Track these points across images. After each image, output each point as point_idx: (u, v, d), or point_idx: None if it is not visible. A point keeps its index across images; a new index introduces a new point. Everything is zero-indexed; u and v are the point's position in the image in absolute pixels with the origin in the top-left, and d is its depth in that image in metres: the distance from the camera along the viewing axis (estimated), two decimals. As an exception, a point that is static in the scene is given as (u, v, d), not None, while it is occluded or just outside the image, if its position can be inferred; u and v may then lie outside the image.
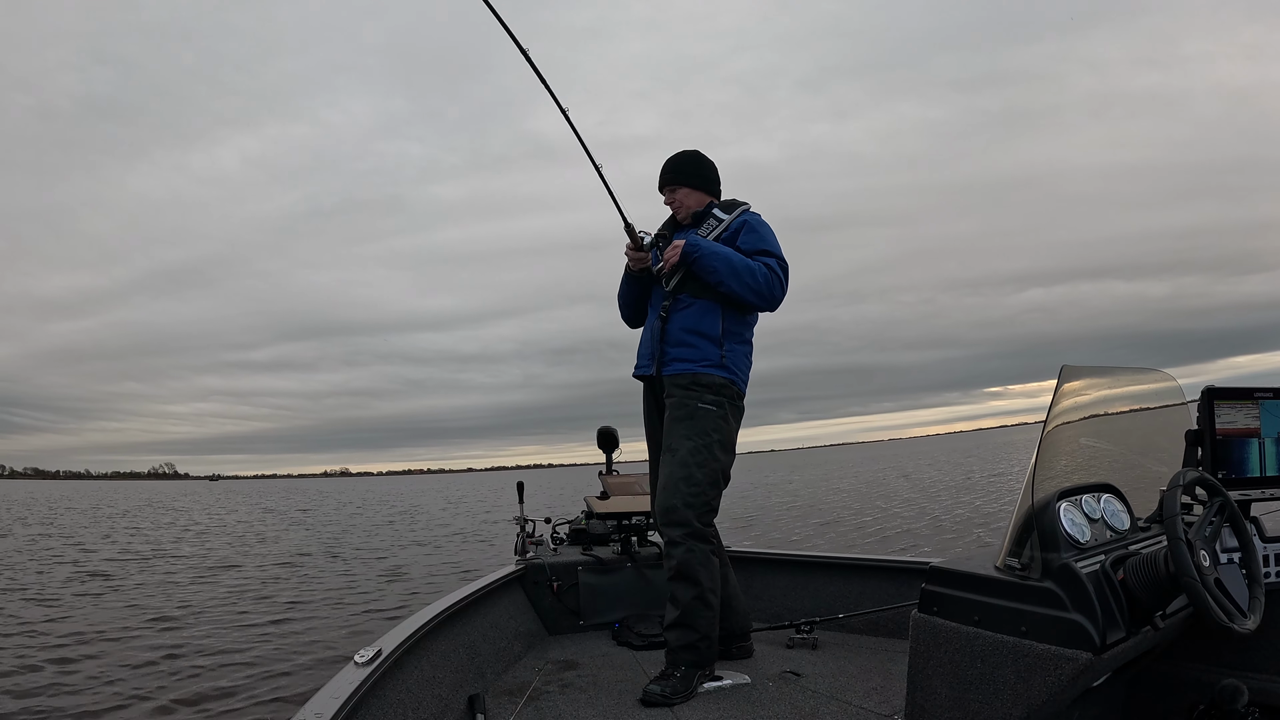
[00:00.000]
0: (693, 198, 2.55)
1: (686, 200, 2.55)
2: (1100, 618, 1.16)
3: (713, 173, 2.60)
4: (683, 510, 2.28)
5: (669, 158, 2.60)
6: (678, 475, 2.31)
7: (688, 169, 2.56)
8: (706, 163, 2.60)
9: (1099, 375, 1.62)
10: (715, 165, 2.62)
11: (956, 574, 1.34)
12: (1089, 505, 1.40)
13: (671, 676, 2.20)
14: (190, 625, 6.31)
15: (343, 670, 1.64)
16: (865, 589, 2.91)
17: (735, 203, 2.56)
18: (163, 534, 17.07)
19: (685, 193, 2.55)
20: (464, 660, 2.33)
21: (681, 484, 2.29)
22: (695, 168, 2.57)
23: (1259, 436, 1.64)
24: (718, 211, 2.52)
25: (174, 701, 4.25)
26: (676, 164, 2.57)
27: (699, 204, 2.55)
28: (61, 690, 4.43)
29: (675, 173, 2.56)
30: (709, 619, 2.28)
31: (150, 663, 5.07)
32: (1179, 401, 1.74)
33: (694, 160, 2.58)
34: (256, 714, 4.06)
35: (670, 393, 2.42)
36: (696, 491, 2.29)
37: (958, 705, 1.27)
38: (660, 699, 2.13)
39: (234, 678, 4.69)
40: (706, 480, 2.32)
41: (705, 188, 2.57)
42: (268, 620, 6.50)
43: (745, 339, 2.50)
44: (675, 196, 2.56)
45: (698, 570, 2.27)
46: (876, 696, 2.11)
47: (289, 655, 5.27)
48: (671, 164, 2.57)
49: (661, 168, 2.59)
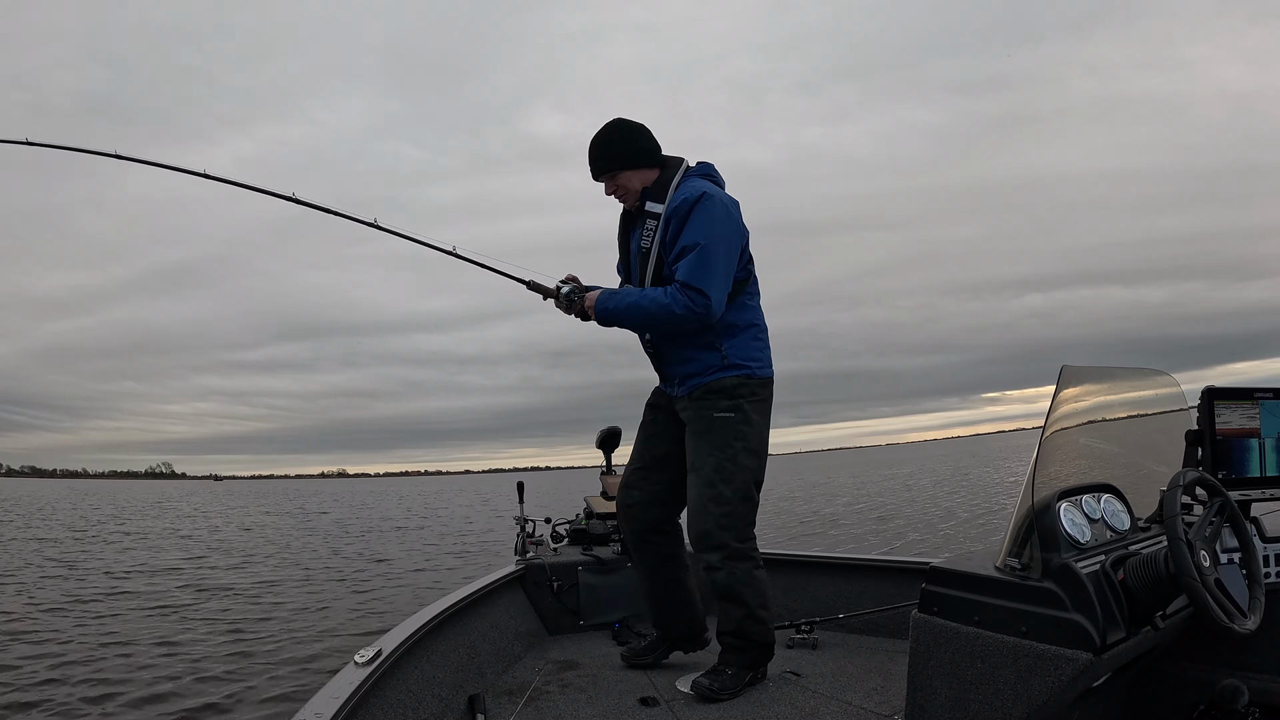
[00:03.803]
0: (635, 179, 2.24)
1: (630, 184, 2.25)
2: (1100, 618, 1.16)
3: (646, 140, 2.26)
4: (718, 534, 2.15)
5: (593, 140, 2.26)
6: (706, 496, 2.17)
7: (620, 148, 2.24)
8: (635, 130, 2.26)
9: (1099, 376, 1.62)
10: (644, 127, 2.27)
11: (957, 574, 1.34)
12: (1089, 505, 1.40)
13: (722, 673, 2.18)
14: (190, 625, 6.31)
15: (343, 670, 1.64)
16: (865, 589, 2.91)
17: (670, 170, 2.24)
18: (172, 535, 17.09)
19: (626, 177, 2.24)
20: (464, 660, 2.33)
21: (711, 505, 2.16)
22: (627, 144, 2.24)
23: (1259, 437, 1.65)
24: (651, 206, 2.22)
25: (173, 702, 4.25)
26: (606, 147, 2.24)
27: (645, 181, 2.24)
28: (61, 690, 4.43)
29: (609, 159, 2.24)
30: (762, 631, 2.21)
31: (150, 663, 5.07)
32: (1180, 408, 1.74)
33: (623, 135, 2.25)
34: (256, 714, 4.06)
35: (684, 408, 2.29)
36: (728, 510, 2.16)
37: (958, 705, 1.27)
38: (708, 692, 2.13)
39: (234, 678, 4.69)
40: (737, 496, 2.17)
41: (646, 161, 2.25)
42: (268, 620, 6.51)
43: (748, 322, 2.27)
44: (617, 184, 2.26)
45: (742, 591, 2.17)
46: (876, 696, 2.11)
47: (289, 655, 5.27)
48: (600, 148, 2.25)
49: (589, 155, 2.27)
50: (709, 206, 2.12)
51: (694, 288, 2.07)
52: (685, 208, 2.13)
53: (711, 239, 2.09)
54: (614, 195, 2.29)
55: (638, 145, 2.24)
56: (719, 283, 2.10)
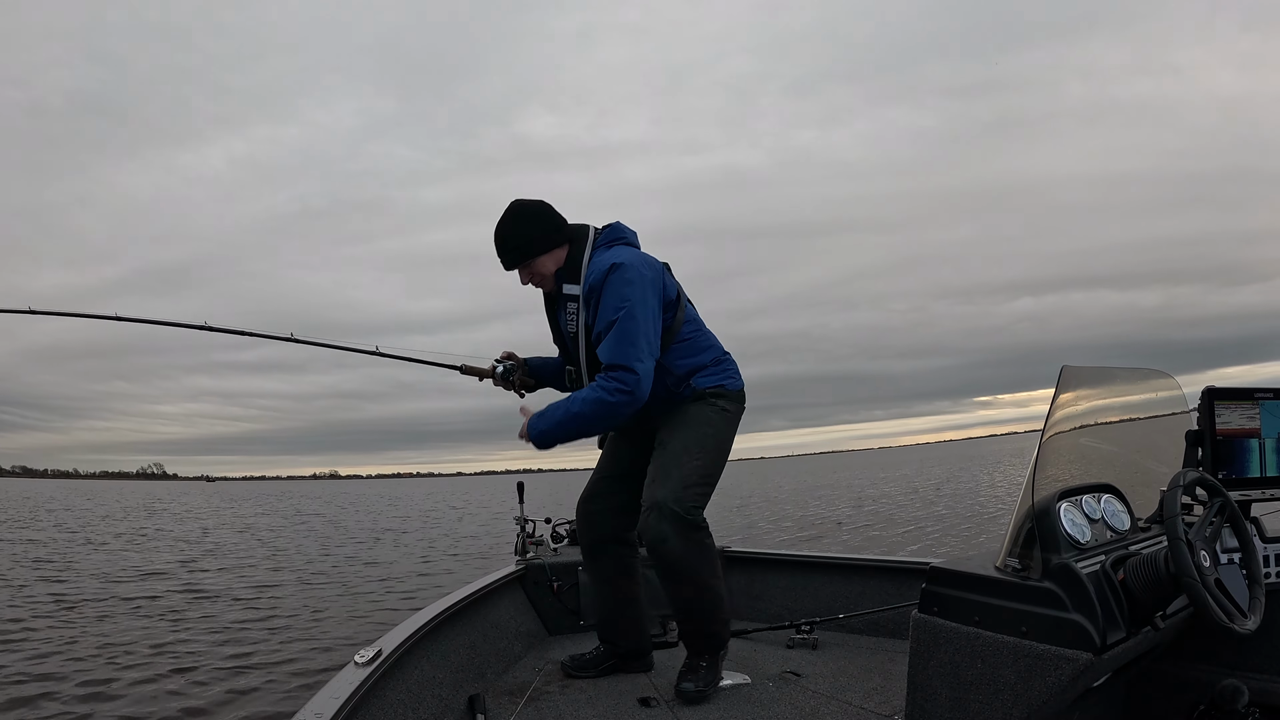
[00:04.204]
0: (549, 262, 2.20)
1: (545, 269, 2.20)
2: (1100, 618, 1.16)
3: (552, 219, 2.21)
4: (672, 503, 2.08)
5: (499, 230, 2.20)
6: (669, 465, 2.14)
7: (531, 233, 2.18)
8: (539, 212, 2.21)
9: (1099, 376, 1.63)
10: (546, 204, 2.23)
11: (957, 574, 1.34)
12: (1089, 505, 1.40)
13: (698, 669, 2.17)
14: (189, 625, 6.31)
15: (343, 670, 1.64)
16: (865, 589, 2.91)
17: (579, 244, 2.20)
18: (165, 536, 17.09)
19: (540, 263, 2.19)
20: (464, 660, 2.33)
21: (674, 470, 2.12)
22: (536, 228, 2.19)
23: (1259, 437, 1.65)
24: (568, 288, 2.20)
25: (173, 702, 4.25)
26: (517, 237, 2.18)
27: (559, 262, 2.20)
28: (60, 689, 4.43)
29: (521, 249, 2.18)
30: (717, 606, 2.17)
31: (150, 663, 5.07)
32: (1181, 410, 1.74)
33: (530, 220, 2.19)
34: (256, 714, 4.06)
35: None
36: (687, 482, 2.12)
37: (958, 705, 1.27)
38: (698, 695, 2.12)
39: (234, 677, 4.69)
40: (697, 474, 2.14)
41: (555, 241, 2.19)
42: (267, 620, 6.51)
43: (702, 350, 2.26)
44: (532, 273, 2.22)
45: (695, 563, 2.11)
46: (876, 697, 2.11)
47: (289, 655, 5.27)
48: (510, 239, 2.19)
49: (498, 247, 2.21)
50: (621, 277, 2.07)
51: (619, 366, 2.03)
52: (600, 284, 2.09)
53: (628, 308, 2.05)
54: (531, 284, 2.26)
55: (546, 227, 2.19)
56: (645, 351, 2.07)
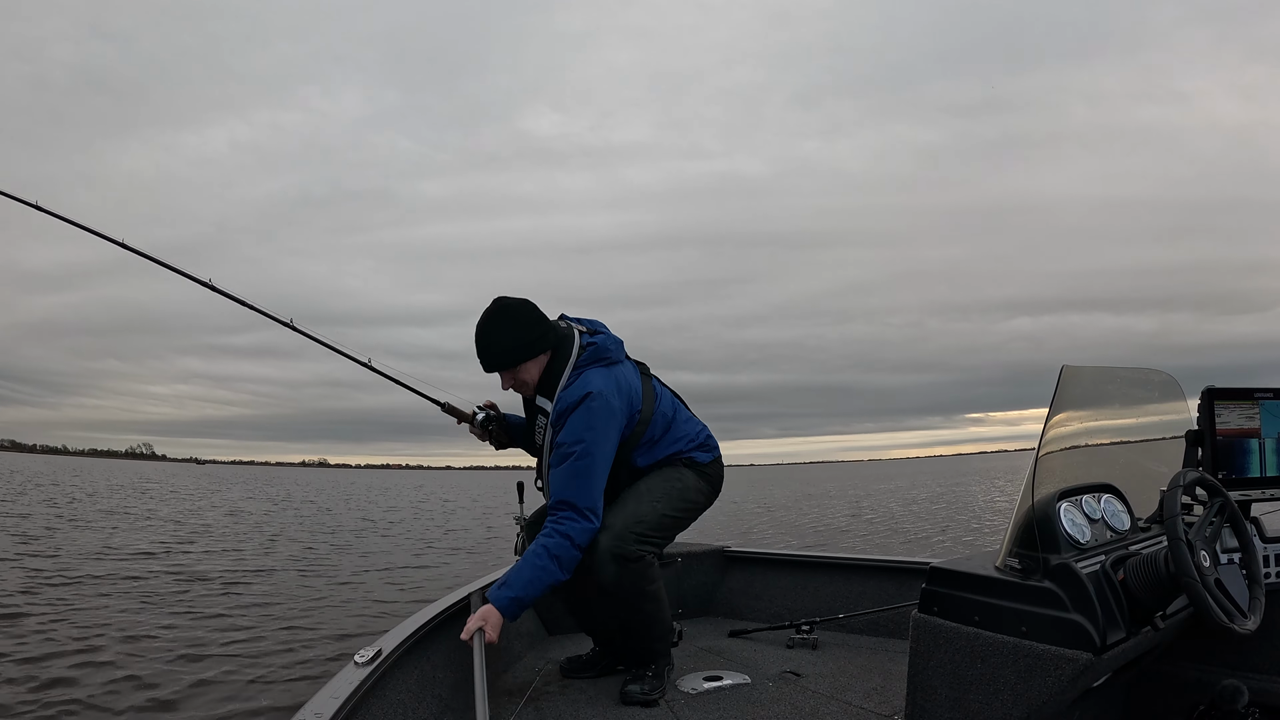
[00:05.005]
0: (534, 369, 2.11)
1: (530, 376, 2.11)
2: (1100, 618, 1.16)
3: (541, 324, 2.10)
4: (611, 538, 2.03)
5: (485, 331, 2.09)
6: (627, 499, 2.14)
7: (524, 338, 2.07)
8: (527, 314, 2.10)
9: (1100, 376, 1.63)
10: (531, 305, 2.12)
11: (956, 574, 1.34)
12: (1089, 505, 1.40)
13: (644, 676, 2.19)
14: (188, 624, 6.31)
15: (343, 670, 1.64)
16: (865, 589, 2.91)
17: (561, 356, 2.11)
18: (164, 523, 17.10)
19: (526, 369, 2.11)
20: (464, 660, 2.33)
21: (630, 505, 2.12)
22: (527, 333, 2.08)
23: (1259, 437, 1.65)
24: (541, 401, 2.15)
25: (173, 701, 4.24)
26: (511, 339, 2.07)
27: (541, 368, 2.11)
28: (59, 690, 4.43)
29: (510, 353, 2.08)
30: (651, 626, 2.18)
31: (149, 663, 5.06)
32: (1181, 409, 1.74)
33: (521, 324, 2.08)
34: (256, 714, 4.06)
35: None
36: (640, 517, 2.09)
37: (958, 706, 1.28)
38: (642, 698, 2.13)
39: (233, 677, 4.69)
40: (655, 514, 2.12)
41: (539, 348, 2.09)
42: (267, 619, 6.51)
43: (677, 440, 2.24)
44: (516, 380, 2.14)
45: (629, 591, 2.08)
46: (876, 697, 2.11)
47: (288, 655, 5.27)
48: (500, 342, 2.08)
49: (482, 348, 2.11)
50: (588, 409, 2.02)
51: (567, 503, 2.01)
52: (568, 412, 2.04)
53: (586, 447, 2.01)
54: (512, 389, 2.18)
55: (535, 334, 2.09)
56: (597, 487, 2.04)
